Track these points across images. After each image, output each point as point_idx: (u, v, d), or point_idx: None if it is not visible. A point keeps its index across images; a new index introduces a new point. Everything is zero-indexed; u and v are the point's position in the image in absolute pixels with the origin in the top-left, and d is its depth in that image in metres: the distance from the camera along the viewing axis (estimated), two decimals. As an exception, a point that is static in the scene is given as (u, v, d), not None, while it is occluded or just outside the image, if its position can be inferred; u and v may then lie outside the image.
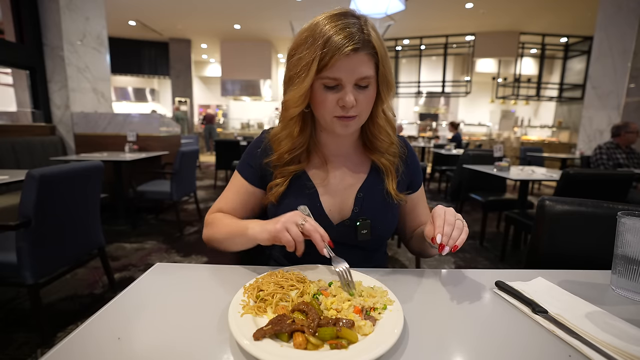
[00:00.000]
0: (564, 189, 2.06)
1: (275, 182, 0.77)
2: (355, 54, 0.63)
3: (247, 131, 11.06)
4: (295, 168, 0.77)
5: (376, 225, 0.76)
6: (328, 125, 0.71)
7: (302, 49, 0.66)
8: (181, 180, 3.05)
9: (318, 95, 0.68)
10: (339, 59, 0.63)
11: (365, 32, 0.65)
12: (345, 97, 0.65)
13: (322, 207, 0.77)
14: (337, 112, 0.68)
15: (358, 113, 0.68)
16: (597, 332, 0.49)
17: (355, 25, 0.64)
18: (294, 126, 0.74)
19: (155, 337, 0.48)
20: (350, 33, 0.63)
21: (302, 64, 0.65)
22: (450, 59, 9.85)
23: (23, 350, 1.45)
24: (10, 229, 1.34)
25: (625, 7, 4.56)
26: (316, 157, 0.80)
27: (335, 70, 0.64)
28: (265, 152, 0.80)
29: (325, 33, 0.63)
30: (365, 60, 0.65)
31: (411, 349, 0.46)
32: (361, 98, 0.67)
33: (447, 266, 2.55)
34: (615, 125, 3.23)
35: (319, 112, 0.70)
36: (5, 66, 3.70)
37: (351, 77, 0.65)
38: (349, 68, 0.64)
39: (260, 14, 7.70)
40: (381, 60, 0.66)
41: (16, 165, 2.98)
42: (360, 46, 0.63)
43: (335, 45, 0.62)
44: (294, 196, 0.78)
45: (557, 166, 5.73)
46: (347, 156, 0.81)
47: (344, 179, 0.79)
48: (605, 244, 0.69)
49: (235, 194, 0.83)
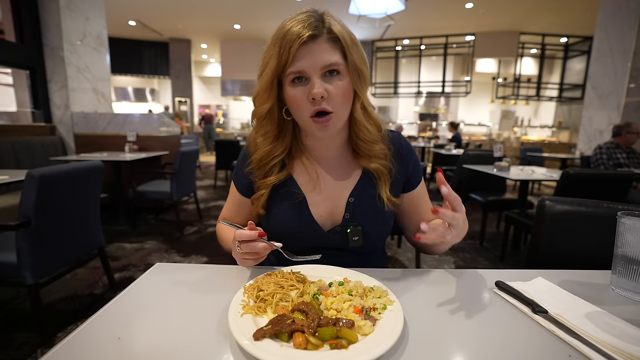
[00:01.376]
0: (564, 189, 2.06)
1: (258, 194, 0.76)
2: (314, 42, 0.63)
3: (247, 131, 11.05)
4: (275, 179, 0.74)
5: (368, 231, 0.75)
6: (306, 128, 0.70)
7: (267, 51, 0.68)
8: (181, 180, 3.05)
9: (289, 95, 0.66)
10: (298, 50, 0.62)
11: (325, 21, 0.65)
12: (313, 89, 0.63)
13: (312, 215, 0.75)
14: (310, 109, 0.65)
15: (333, 109, 0.65)
16: (597, 332, 0.49)
17: (313, 17, 0.64)
18: (268, 126, 0.73)
19: (155, 337, 0.48)
20: (308, 22, 0.63)
21: (264, 63, 0.67)
22: (450, 59, 9.86)
23: (23, 350, 1.45)
24: (10, 229, 1.34)
25: (625, 7, 4.56)
26: (303, 162, 0.78)
27: (297, 61, 0.63)
28: (245, 160, 0.79)
29: (283, 28, 0.64)
30: (327, 47, 0.64)
31: (411, 349, 0.46)
32: (332, 89, 0.64)
33: (447, 266, 2.55)
34: (617, 125, 3.23)
35: (296, 114, 0.69)
36: (5, 66, 3.70)
37: (314, 66, 0.63)
38: (310, 57, 0.63)
39: (260, 14, 7.71)
40: (347, 49, 0.65)
41: (16, 165, 2.98)
42: (317, 32, 0.63)
43: (292, 36, 0.62)
44: (280, 204, 0.76)
45: (557, 166, 5.74)
46: (337, 161, 0.78)
47: (333, 184, 0.77)
48: (605, 244, 0.69)
49: (232, 203, 0.84)
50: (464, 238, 0.63)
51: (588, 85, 5.22)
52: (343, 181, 0.77)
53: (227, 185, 5.64)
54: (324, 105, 0.65)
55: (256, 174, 0.76)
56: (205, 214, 3.79)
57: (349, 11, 5.82)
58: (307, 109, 0.66)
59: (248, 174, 0.78)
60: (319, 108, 0.65)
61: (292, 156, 0.77)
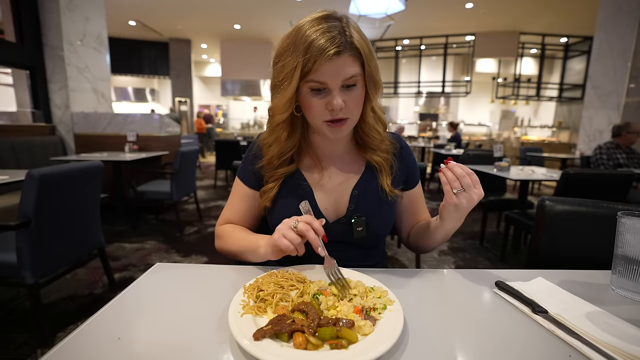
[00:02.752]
0: (564, 189, 2.06)
1: (268, 187, 0.78)
2: (338, 57, 0.63)
3: (247, 131, 11.06)
4: (285, 170, 0.77)
5: (372, 222, 0.77)
6: (319, 129, 0.72)
7: (286, 55, 0.66)
8: (181, 180, 3.05)
9: (306, 100, 0.68)
10: (322, 64, 0.63)
11: (347, 33, 0.65)
12: (333, 101, 0.65)
13: (317, 206, 0.77)
14: (326, 116, 0.68)
15: (348, 115, 0.69)
16: (597, 332, 0.49)
17: (336, 29, 0.64)
18: (281, 131, 0.75)
19: (155, 337, 0.48)
20: (332, 37, 0.63)
21: (285, 71, 0.66)
22: (450, 59, 9.86)
23: (23, 350, 1.45)
24: (10, 229, 1.34)
25: (625, 8, 4.56)
26: (309, 157, 0.81)
27: (320, 74, 0.64)
28: (255, 158, 0.81)
29: (306, 38, 0.63)
30: (349, 61, 0.65)
31: (411, 349, 0.46)
32: (349, 100, 0.67)
33: (447, 266, 2.55)
34: (617, 125, 3.23)
35: (309, 116, 0.71)
36: (5, 66, 3.70)
37: (337, 80, 0.65)
38: (333, 71, 0.64)
39: (260, 14, 7.70)
40: (366, 60, 0.67)
41: (16, 165, 2.98)
42: (342, 49, 0.63)
43: (318, 50, 0.62)
44: (288, 197, 0.78)
45: (557, 166, 5.73)
46: (341, 156, 0.82)
47: (338, 178, 0.80)
48: (605, 244, 0.69)
49: (239, 201, 0.83)
50: (464, 238, 0.63)
51: (588, 85, 5.22)
52: (348, 175, 0.80)
53: (227, 185, 5.64)
54: (341, 114, 0.68)
55: (267, 168, 0.79)
56: (205, 214, 3.79)
57: (349, 11, 5.82)
58: (323, 115, 0.68)
59: (259, 170, 0.80)
60: (336, 117, 0.68)
61: (300, 151, 0.80)
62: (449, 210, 0.66)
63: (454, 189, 0.64)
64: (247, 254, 0.72)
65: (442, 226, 0.71)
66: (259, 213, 0.85)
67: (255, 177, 0.81)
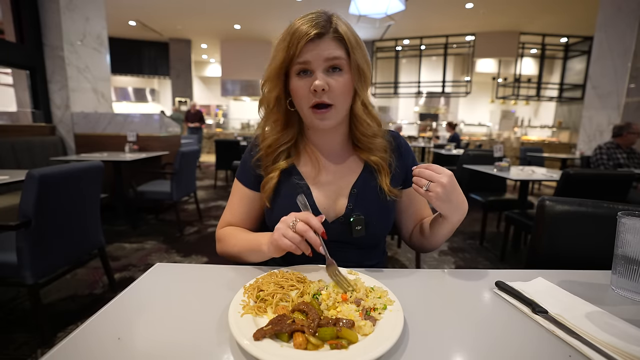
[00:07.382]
0: (564, 189, 2.06)
1: (268, 178, 0.78)
2: (320, 39, 0.67)
3: (247, 131, 11.06)
4: (285, 164, 0.78)
5: (371, 221, 0.76)
6: (307, 119, 0.73)
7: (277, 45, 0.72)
8: (181, 180, 3.05)
9: (294, 86, 0.71)
10: (305, 45, 0.67)
11: (332, 21, 0.69)
12: (315, 81, 0.67)
13: (316, 205, 0.77)
14: (311, 100, 0.69)
15: (333, 101, 0.69)
16: (597, 332, 0.49)
17: (322, 17, 0.69)
18: (276, 115, 0.77)
19: (155, 337, 0.48)
20: (316, 22, 0.68)
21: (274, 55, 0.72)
22: (450, 59, 9.86)
23: (23, 350, 1.45)
24: (10, 229, 1.34)
25: (625, 8, 4.56)
26: (307, 155, 0.81)
27: (302, 54, 0.68)
28: (252, 150, 0.82)
29: (293, 26, 0.69)
30: (333, 45, 0.68)
31: (411, 349, 0.46)
32: (332, 83, 0.68)
33: (447, 266, 2.55)
34: (617, 125, 3.23)
35: (298, 104, 0.73)
36: (5, 66, 3.70)
37: (319, 60, 0.68)
38: (316, 52, 0.67)
39: (260, 14, 7.71)
40: (351, 48, 0.69)
41: (16, 165, 2.98)
42: (325, 31, 0.67)
43: (300, 33, 0.67)
44: (286, 196, 0.78)
45: (557, 166, 5.73)
46: (339, 154, 0.82)
47: (337, 177, 0.80)
48: (605, 244, 0.69)
49: (239, 202, 0.83)
50: (464, 238, 0.63)
51: (588, 85, 5.22)
52: (346, 174, 0.80)
53: (227, 185, 5.64)
54: (324, 98, 0.69)
55: (264, 161, 0.79)
56: (205, 214, 3.79)
57: (349, 11, 5.82)
58: (308, 100, 0.70)
59: (256, 165, 0.80)
60: (319, 100, 0.69)
61: (297, 148, 0.81)
62: (438, 206, 0.68)
63: (423, 187, 0.66)
64: (250, 254, 0.72)
65: (448, 220, 0.71)
66: (259, 214, 0.85)
67: (254, 177, 0.81)
